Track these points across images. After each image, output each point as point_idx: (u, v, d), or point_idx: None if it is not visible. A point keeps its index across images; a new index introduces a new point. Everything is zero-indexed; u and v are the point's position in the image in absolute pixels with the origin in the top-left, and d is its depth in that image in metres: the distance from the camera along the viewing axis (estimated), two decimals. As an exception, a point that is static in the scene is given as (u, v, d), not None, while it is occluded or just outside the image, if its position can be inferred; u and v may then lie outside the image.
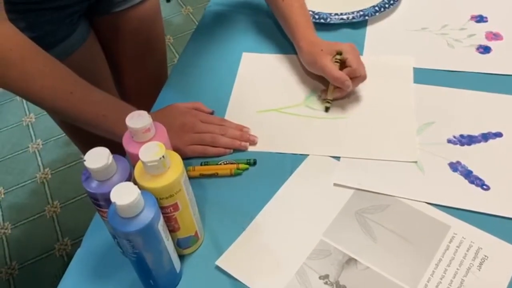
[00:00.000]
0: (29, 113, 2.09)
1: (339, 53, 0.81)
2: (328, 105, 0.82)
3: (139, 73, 1.10)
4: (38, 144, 1.97)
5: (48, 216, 1.73)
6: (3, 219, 1.74)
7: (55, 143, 1.97)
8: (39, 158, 1.92)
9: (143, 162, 0.54)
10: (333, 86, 0.82)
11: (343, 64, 0.81)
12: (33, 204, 1.77)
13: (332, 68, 0.80)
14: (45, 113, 1.32)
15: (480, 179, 0.70)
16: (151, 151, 0.54)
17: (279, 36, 0.97)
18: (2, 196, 1.81)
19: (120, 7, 0.98)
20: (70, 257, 1.59)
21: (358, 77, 0.80)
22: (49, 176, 1.85)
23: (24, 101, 2.15)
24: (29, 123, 2.06)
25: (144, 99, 0.91)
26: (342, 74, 0.79)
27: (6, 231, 1.71)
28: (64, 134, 1.14)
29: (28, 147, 1.97)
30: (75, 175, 1.85)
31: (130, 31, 1.02)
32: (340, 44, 0.82)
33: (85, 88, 0.73)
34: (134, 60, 1.07)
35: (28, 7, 0.80)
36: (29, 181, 1.85)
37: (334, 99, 0.82)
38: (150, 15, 1.03)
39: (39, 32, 0.72)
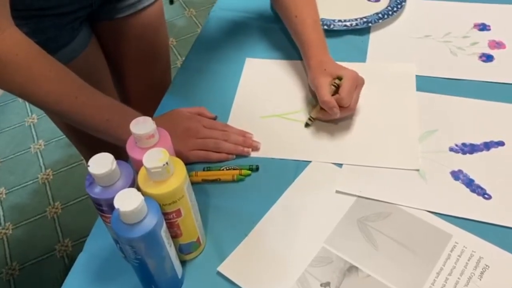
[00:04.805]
0: (32, 114, 2.10)
1: (339, 78, 0.79)
2: (309, 122, 0.81)
3: (142, 78, 1.10)
4: (40, 145, 1.97)
5: (49, 217, 1.73)
6: (4, 220, 1.75)
7: (57, 144, 1.97)
8: (41, 159, 1.92)
9: (146, 168, 0.55)
10: (320, 106, 0.80)
11: (338, 90, 0.79)
12: (34, 205, 1.78)
13: (325, 90, 0.77)
14: (48, 114, 1.33)
15: (482, 188, 0.70)
16: (155, 157, 0.55)
17: (283, 42, 0.97)
18: (4, 196, 1.82)
19: (123, 13, 0.97)
20: (70, 258, 1.60)
21: (345, 108, 0.77)
22: (51, 177, 1.86)
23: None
24: (31, 124, 2.06)
25: (147, 104, 0.91)
26: (331, 100, 0.76)
27: (7, 231, 1.71)
28: (66, 135, 1.14)
29: (30, 147, 1.97)
30: (76, 176, 1.85)
31: (133, 38, 1.02)
32: (345, 70, 0.80)
33: (90, 93, 0.73)
34: (137, 66, 1.07)
35: (30, 13, 0.80)
36: (31, 182, 1.85)
37: (317, 119, 0.81)
38: (153, 21, 1.03)
39: (41, 38, 0.72)
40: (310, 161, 0.76)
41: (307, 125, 0.81)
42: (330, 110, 0.77)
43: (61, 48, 0.87)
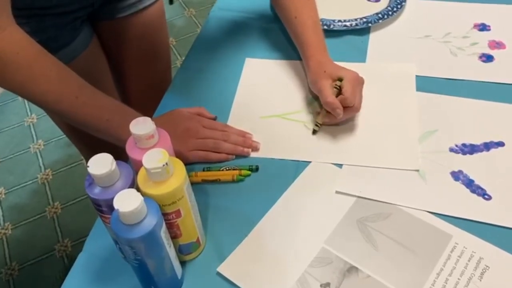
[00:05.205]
0: (31, 114, 2.10)
1: (340, 79, 0.78)
2: (316, 128, 0.80)
3: (142, 78, 1.10)
4: (40, 145, 1.97)
5: (49, 217, 1.73)
6: (3, 220, 1.74)
7: (57, 143, 1.97)
8: (40, 159, 1.92)
9: (146, 169, 0.54)
10: (325, 110, 0.79)
11: (340, 91, 0.78)
12: (34, 205, 1.77)
13: (327, 92, 0.77)
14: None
15: (482, 189, 0.70)
16: (155, 158, 0.55)
17: (283, 42, 0.97)
18: (3, 196, 1.81)
19: (124, 13, 0.97)
20: (70, 258, 1.60)
21: (350, 108, 0.77)
22: (50, 177, 1.86)
23: (26, 101, 2.15)
24: (31, 124, 2.06)
25: (147, 104, 0.91)
26: (334, 101, 0.76)
27: (6, 231, 1.71)
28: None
29: (30, 147, 1.97)
30: (76, 176, 1.85)
31: (134, 37, 1.02)
32: (344, 70, 0.79)
33: (90, 93, 0.73)
34: (138, 66, 1.07)
35: (32, 12, 0.80)
36: (30, 182, 1.85)
37: (324, 124, 0.80)
38: (154, 21, 1.03)
39: (41, 37, 0.72)
40: (310, 162, 0.76)
41: (314, 132, 0.80)
42: (333, 111, 0.76)
43: (62, 47, 0.87)
